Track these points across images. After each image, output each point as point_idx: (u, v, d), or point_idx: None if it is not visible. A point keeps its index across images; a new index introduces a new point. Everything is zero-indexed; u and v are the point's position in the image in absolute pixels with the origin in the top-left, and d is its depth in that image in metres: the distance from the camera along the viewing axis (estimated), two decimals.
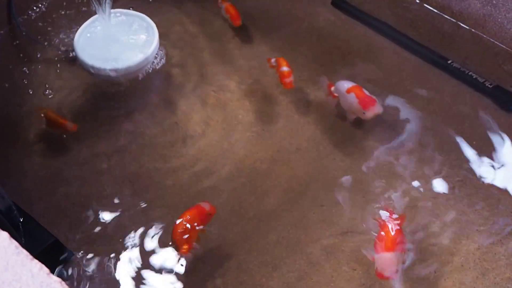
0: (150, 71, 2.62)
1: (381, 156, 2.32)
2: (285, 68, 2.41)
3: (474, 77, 2.54)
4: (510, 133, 2.36)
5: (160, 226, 2.15)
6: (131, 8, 2.75)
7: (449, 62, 2.61)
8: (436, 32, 2.77)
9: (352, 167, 2.30)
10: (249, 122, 2.47)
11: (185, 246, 1.94)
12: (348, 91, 2.25)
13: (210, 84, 2.62)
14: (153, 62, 2.63)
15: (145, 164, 2.35)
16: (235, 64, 2.70)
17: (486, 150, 2.33)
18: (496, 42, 2.67)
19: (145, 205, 2.22)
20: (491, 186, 2.22)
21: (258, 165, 2.34)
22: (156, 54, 2.62)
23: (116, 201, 2.23)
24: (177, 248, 1.99)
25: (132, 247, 2.09)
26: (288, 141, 2.40)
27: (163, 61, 2.67)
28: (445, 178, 2.25)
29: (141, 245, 2.10)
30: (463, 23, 2.75)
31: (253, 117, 2.48)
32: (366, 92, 2.24)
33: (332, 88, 2.37)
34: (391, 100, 2.51)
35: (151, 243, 2.10)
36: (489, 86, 2.50)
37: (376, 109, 2.23)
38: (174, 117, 2.50)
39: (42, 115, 2.36)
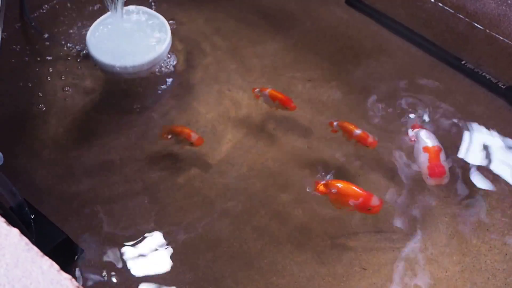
0: (163, 69, 2.61)
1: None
2: (358, 131, 2.22)
3: (487, 77, 2.52)
4: None
5: (171, 224, 2.15)
6: (153, 5, 2.75)
7: (462, 62, 2.59)
8: (450, 32, 2.76)
9: (367, 163, 2.29)
10: (261, 121, 2.46)
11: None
12: (425, 149, 2.12)
13: (223, 83, 2.61)
14: (166, 60, 2.63)
15: (157, 162, 2.34)
16: (248, 63, 2.70)
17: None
18: (510, 42, 2.65)
19: (156, 205, 2.21)
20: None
21: (270, 164, 2.33)
22: (169, 53, 2.61)
23: (126, 199, 2.23)
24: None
25: (143, 244, 2.09)
26: (301, 141, 2.39)
27: (175, 60, 2.67)
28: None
29: (151, 243, 2.10)
30: (477, 23, 2.73)
31: (265, 116, 2.47)
32: (442, 157, 2.10)
33: (413, 132, 2.26)
34: (404, 101, 2.50)
35: (161, 241, 2.11)
36: (502, 86, 2.48)
37: (442, 181, 2.08)
38: (186, 116, 2.49)
39: (170, 136, 2.31)
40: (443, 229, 2.12)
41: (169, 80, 2.63)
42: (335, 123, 2.27)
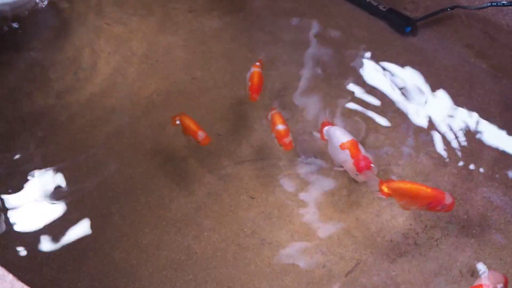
0: (40, 6, 2.51)
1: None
2: (281, 127, 2.01)
3: (367, 0, 2.54)
4: (406, 56, 2.38)
5: (57, 163, 2.12)
6: None
7: None
8: None
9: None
10: (143, 54, 2.41)
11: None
12: (343, 147, 1.90)
13: (102, 17, 2.54)
14: None
15: (37, 101, 2.28)
16: None
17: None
18: None
19: (39, 142, 2.18)
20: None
21: (154, 97, 2.29)
22: None
23: (8, 141, 2.18)
24: None
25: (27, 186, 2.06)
26: (184, 72, 2.36)
27: None
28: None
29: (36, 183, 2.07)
30: None
31: (147, 49, 2.42)
32: (362, 150, 1.90)
33: (324, 131, 2.04)
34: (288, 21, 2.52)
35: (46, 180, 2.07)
36: (383, 9, 2.51)
37: (371, 172, 1.89)
38: (66, 53, 2.42)
39: (178, 121, 2.08)
40: None
41: (47, 16, 2.54)
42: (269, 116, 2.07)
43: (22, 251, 1.91)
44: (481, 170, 2.06)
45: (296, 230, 1.96)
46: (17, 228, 1.96)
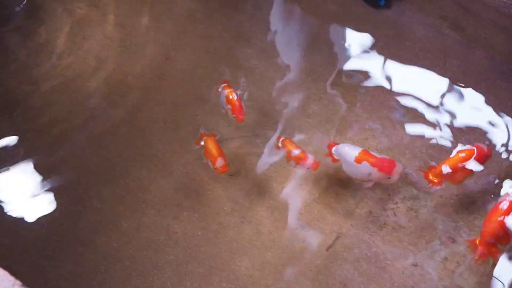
0: None
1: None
2: (296, 151, 1.92)
3: None
4: (380, 30, 2.38)
5: (33, 149, 2.11)
6: None
7: None
8: None
9: (225, 72, 2.28)
10: (117, 37, 2.39)
11: None
12: (358, 160, 1.85)
13: (75, 1, 2.51)
14: None
15: (13, 89, 2.27)
16: None
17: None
18: None
19: (15, 130, 2.17)
20: None
21: (129, 80, 2.28)
22: None
23: None
24: None
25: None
26: (159, 53, 2.35)
27: None
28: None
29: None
30: None
31: (121, 31, 2.41)
32: (377, 155, 1.86)
33: (333, 150, 1.95)
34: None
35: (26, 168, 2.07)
36: None
37: (399, 169, 1.85)
38: (39, 38, 2.40)
39: (202, 142, 1.99)
40: (305, 126, 2.15)
41: (17, 1, 2.51)
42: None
43: (2, 239, 1.91)
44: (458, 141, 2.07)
45: (276, 206, 1.97)
46: None
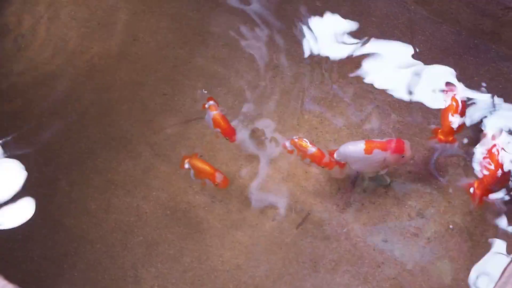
0: None
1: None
2: (313, 149, 1.88)
3: None
4: (346, 7, 2.37)
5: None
6: None
7: None
8: None
9: (193, 51, 2.27)
10: (83, 18, 2.37)
11: None
12: (368, 151, 1.83)
13: None
14: None
15: None
16: None
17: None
18: None
19: None
20: None
21: (96, 61, 2.26)
22: None
23: None
24: None
25: None
26: (126, 33, 2.33)
27: None
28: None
29: None
30: None
31: (87, 12, 2.38)
32: (380, 140, 1.87)
33: (336, 155, 1.90)
34: None
35: None
36: None
37: (409, 145, 1.85)
38: (3, 19, 2.37)
39: (187, 165, 1.95)
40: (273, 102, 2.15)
41: None
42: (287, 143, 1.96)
43: None
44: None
45: (246, 184, 1.97)
46: None
